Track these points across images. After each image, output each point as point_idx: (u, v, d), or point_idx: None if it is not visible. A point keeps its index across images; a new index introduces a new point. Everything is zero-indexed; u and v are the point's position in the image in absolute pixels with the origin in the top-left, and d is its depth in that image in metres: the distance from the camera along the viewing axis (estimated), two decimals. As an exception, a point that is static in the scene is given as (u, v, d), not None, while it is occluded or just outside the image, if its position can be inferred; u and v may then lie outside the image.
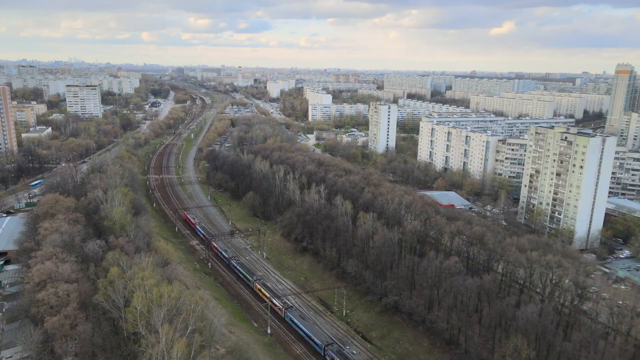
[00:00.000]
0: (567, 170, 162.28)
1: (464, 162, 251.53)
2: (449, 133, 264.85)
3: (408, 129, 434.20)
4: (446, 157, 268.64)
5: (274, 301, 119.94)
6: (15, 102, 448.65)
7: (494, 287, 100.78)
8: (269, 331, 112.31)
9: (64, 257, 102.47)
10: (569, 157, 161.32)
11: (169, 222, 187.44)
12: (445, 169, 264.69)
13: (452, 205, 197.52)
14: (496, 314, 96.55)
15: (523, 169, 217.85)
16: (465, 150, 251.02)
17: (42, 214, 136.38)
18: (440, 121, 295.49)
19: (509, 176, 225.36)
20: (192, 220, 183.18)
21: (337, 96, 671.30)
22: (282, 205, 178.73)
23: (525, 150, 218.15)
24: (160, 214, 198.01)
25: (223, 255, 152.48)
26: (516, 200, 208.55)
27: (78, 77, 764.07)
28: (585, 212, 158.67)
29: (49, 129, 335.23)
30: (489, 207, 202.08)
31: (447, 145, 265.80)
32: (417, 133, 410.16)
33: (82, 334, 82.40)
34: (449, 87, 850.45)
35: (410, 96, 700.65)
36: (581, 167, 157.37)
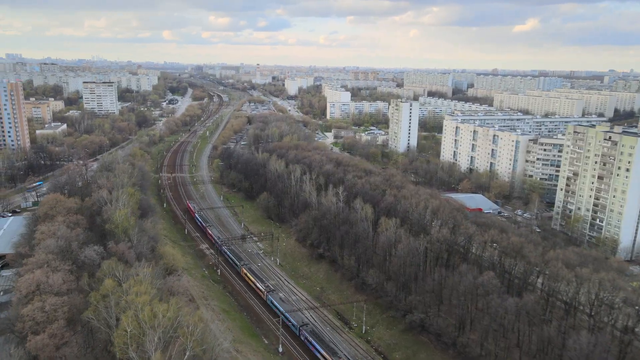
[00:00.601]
0: (611, 174, 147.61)
1: (491, 163, 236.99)
2: (474, 132, 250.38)
3: (429, 128, 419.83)
4: (471, 157, 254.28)
5: (258, 285, 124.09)
6: (34, 99, 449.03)
7: (537, 308, 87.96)
8: (280, 349, 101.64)
9: (57, 265, 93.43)
10: (614, 159, 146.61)
11: (179, 224, 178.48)
12: (471, 169, 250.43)
13: (480, 209, 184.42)
14: (539, 340, 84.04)
15: (557, 171, 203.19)
16: (492, 150, 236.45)
17: (42, 215, 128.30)
18: (464, 119, 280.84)
19: (541, 178, 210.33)
20: (192, 208, 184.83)
21: (356, 94, 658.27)
22: (297, 207, 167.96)
23: (559, 151, 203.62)
24: (170, 214, 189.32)
25: (216, 242, 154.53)
26: (549, 205, 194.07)
27: (97, 74, 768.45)
28: (631, 220, 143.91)
29: (64, 126, 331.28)
30: (519, 212, 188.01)
31: (473, 144, 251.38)
32: (439, 132, 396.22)
33: (69, 356, 73.00)
34: (471, 85, 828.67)
35: (431, 94, 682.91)
36: (627, 169, 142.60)
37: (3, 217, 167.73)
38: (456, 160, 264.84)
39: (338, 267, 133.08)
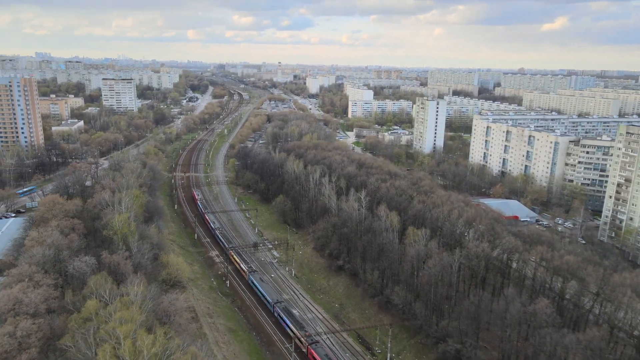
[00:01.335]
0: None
1: (526, 166, 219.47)
2: (507, 132, 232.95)
3: (455, 128, 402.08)
4: (503, 159, 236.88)
5: (241, 265, 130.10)
6: (54, 95, 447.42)
7: (602, 345, 72.45)
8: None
9: (40, 279, 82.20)
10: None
11: (190, 227, 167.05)
12: (503, 172, 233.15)
13: (516, 217, 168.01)
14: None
15: (602, 176, 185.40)
16: (527, 152, 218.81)
17: (38, 218, 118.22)
18: (496, 119, 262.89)
19: (582, 183, 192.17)
20: (196, 196, 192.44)
21: (378, 93, 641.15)
22: (315, 212, 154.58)
23: (604, 153, 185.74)
24: (181, 217, 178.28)
25: (211, 227, 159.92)
26: (593, 213, 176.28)
27: (119, 71, 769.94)
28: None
29: (81, 123, 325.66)
30: (560, 221, 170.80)
31: (506, 146, 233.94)
32: (466, 132, 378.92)
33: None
34: (497, 84, 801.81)
35: (456, 93, 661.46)
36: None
37: (6, 217, 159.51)
38: (486, 162, 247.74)
39: (359, 282, 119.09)
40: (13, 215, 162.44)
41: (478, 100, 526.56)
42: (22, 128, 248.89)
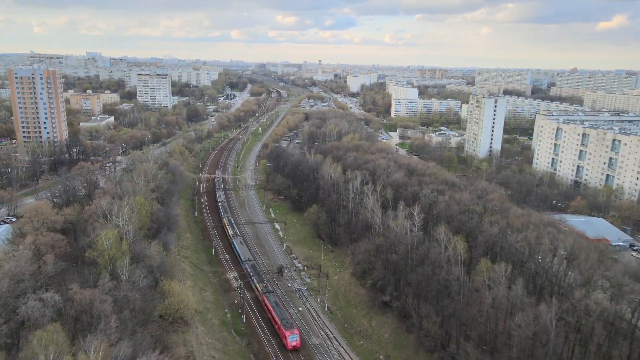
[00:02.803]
0: None
1: (607, 175, 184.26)
2: (584, 135, 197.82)
3: (509, 130, 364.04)
4: (577, 166, 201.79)
5: (229, 231, 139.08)
6: (90, 91, 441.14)
7: None
8: None
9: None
10: None
11: (208, 240, 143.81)
12: (577, 182, 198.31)
13: (606, 240, 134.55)
14: None
15: None
16: (610, 158, 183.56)
17: (17, 232, 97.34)
18: (567, 120, 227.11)
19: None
20: (216, 176, 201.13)
21: (422, 92, 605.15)
22: (355, 228, 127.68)
23: None
24: (200, 226, 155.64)
25: (218, 204, 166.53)
26: None
27: (158, 68, 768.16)
28: None
29: (110, 119, 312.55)
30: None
31: (581, 151, 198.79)
32: (522, 134, 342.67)
33: None
34: (552, 84, 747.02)
35: (507, 93, 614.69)
36: None
37: (6, 222, 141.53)
38: (555, 169, 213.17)
39: (412, 327, 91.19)
40: (14, 219, 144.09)
41: (534, 100, 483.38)
42: (44, 123, 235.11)
